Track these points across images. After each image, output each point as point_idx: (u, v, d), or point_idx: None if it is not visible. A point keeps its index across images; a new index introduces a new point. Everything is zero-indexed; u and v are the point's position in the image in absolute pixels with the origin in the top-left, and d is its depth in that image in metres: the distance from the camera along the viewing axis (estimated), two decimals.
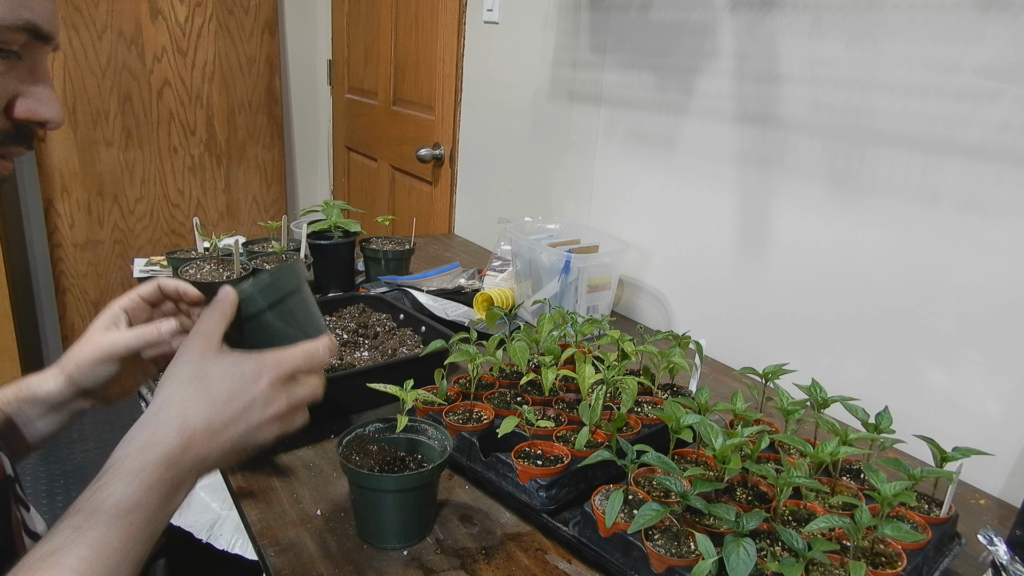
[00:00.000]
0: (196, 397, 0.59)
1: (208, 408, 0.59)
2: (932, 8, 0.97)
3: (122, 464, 0.55)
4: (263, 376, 0.62)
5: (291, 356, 0.65)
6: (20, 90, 0.54)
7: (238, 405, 0.60)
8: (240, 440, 0.61)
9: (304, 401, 0.66)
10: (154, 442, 0.56)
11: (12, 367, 2.52)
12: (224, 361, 0.62)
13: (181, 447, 0.57)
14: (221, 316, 0.64)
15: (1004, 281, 0.95)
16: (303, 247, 1.44)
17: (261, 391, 0.62)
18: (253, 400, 0.61)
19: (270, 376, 0.62)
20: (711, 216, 1.34)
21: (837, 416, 0.85)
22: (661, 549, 0.68)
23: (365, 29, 2.70)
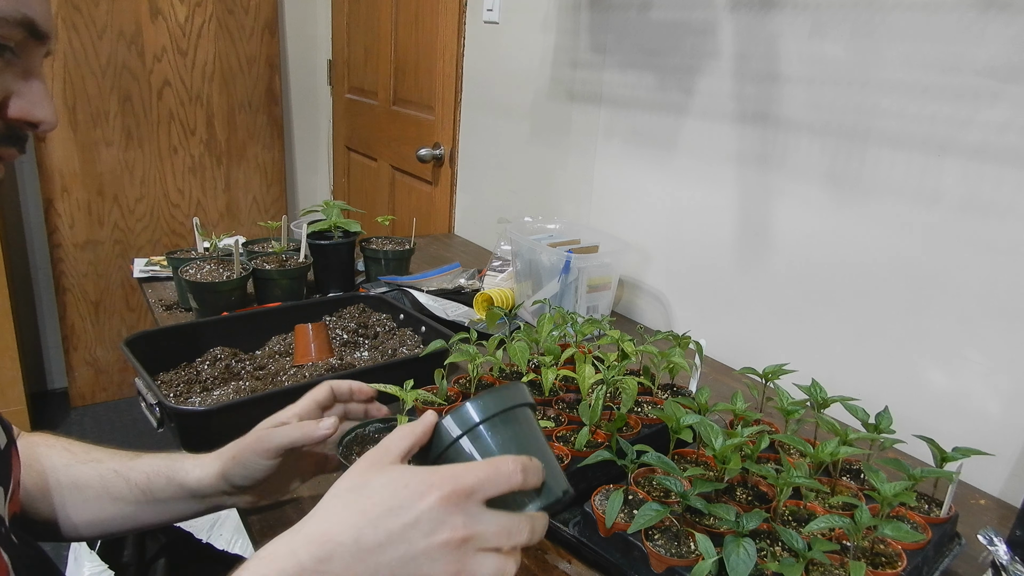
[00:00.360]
0: (347, 507, 0.50)
1: (358, 520, 0.49)
2: (932, 8, 0.97)
3: (245, 570, 0.48)
4: (432, 490, 0.49)
5: (472, 469, 0.51)
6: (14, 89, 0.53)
7: (396, 522, 0.49)
8: (400, 571, 0.49)
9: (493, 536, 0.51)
10: (284, 553, 0.48)
11: (12, 367, 2.52)
12: (391, 472, 0.51)
13: (315, 563, 0.47)
14: (410, 434, 0.55)
15: (1004, 281, 0.95)
16: (303, 247, 1.44)
17: (428, 507, 0.49)
18: (417, 519, 0.49)
19: (440, 491, 0.49)
20: (711, 216, 1.34)
21: (837, 416, 0.85)
22: (661, 549, 0.68)
23: (365, 29, 2.70)
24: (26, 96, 0.53)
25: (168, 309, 1.41)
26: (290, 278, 1.38)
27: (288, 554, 0.48)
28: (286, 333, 1.21)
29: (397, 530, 0.49)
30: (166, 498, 0.74)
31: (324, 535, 0.49)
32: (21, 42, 0.52)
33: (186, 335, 1.14)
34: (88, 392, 2.93)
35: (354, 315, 1.29)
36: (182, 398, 1.02)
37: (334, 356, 1.13)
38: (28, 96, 0.53)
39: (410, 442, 0.55)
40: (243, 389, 1.04)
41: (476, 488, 0.51)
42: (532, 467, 0.53)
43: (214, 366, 1.10)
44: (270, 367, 1.11)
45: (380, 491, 0.50)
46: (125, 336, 1.05)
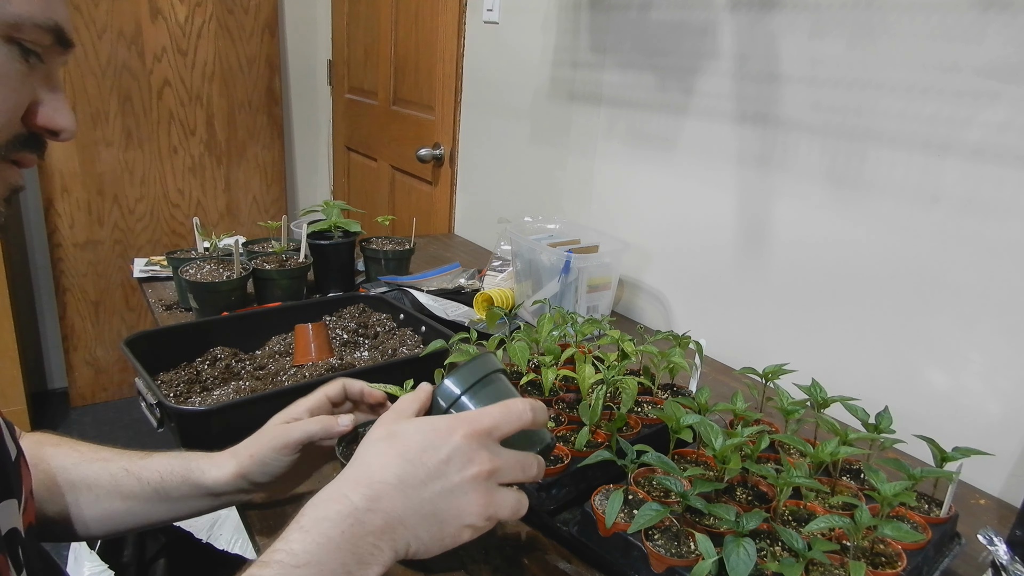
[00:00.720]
0: (385, 452, 0.56)
1: (399, 461, 0.55)
2: (932, 8, 0.97)
3: (300, 518, 0.52)
4: (457, 429, 0.56)
5: (487, 411, 0.59)
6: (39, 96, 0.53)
7: (432, 459, 0.55)
8: (442, 503, 0.55)
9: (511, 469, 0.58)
10: (335, 496, 0.53)
11: (12, 367, 2.52)
12: (417, 421, 0.58)
13: (366, 502, 0.53)
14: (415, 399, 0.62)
15: (1004, 281, 0.95)
16: (303, 247, 1.44)
17: (457, 444, 0.55)
18: (449, 455, 0.55)
19: (465, 429, 0.56)
20: (711, 216, 1.34)
21: (837, 416, 0.85)
22: (661, 549, 0.68)
23: (365, 29, 2.70)
24: (49, 103, 0.54)
25: (168, 309, 1.41)
26: (290, 278, 1.38)
27: (340, 497, 0.53)
28: (286, 333, 1.21)
29: (434, 466, 0.55)
30: (180, 496, 0.74)
31: (369, 477, 0.54)
32: (48, 48, 0.52)
33: (186, 335, 1.14)
34: (88, 392, 2.93)
35: (354, 315, 1.29)
36: (182, 398, 1.02)
37: (334, 356, 1.13)
38: (51, 103, 0.54)
39: (417, 405, 0.62)
40: (243, 389, 1.04)
41: (494, 427, 0.58)
42: (538, 406, 0.61)
43: (214, 366, 1.10)
44: (270, 367, 1.11)
45: (413, 435, 0.56)
46: (125, 336, 1.05)
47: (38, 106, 0.53)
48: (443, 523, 0.55)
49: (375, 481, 0.54)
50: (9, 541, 0.57)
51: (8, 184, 0.54)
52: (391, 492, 0.54)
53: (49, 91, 0.54)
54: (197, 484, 0.73)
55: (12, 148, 0.53)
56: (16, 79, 0.50)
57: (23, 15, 0.49)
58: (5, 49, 0.49)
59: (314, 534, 0.51)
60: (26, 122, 0.53)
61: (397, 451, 0.55)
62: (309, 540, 0.51)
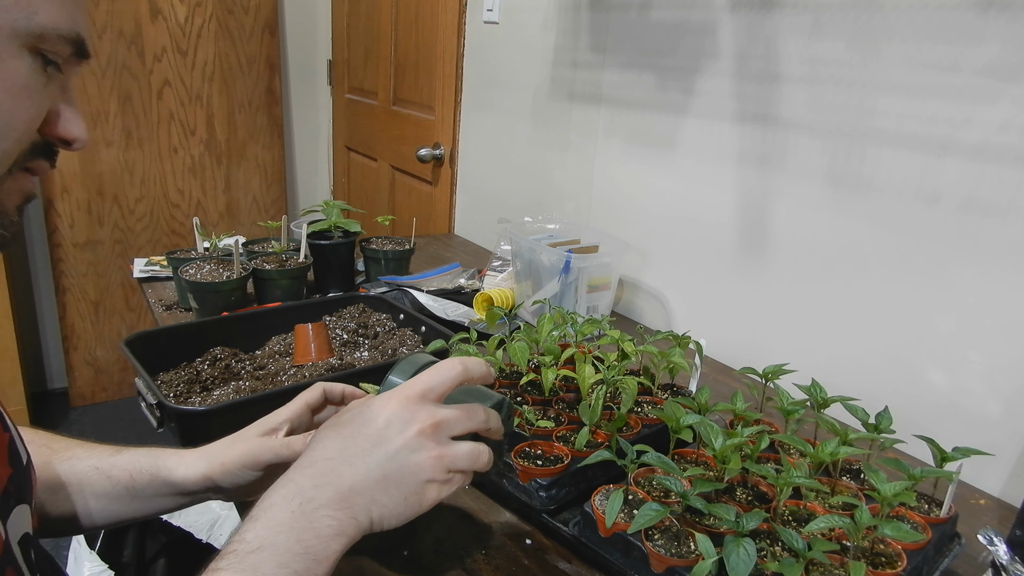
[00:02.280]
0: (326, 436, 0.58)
1: (338, 439, 0.57)
2: (932, 8, 0.97)
3: (250, 512, 0.54)
4: (392, 398, 0.59)
5: (418, 378, 0.61)
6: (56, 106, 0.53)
7: (371, 428, 0.57)
8: (391, 465, 0.56)
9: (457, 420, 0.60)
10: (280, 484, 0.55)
11: (12, 367, 2.52)
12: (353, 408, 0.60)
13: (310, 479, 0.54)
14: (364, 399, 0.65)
15: (1004, 281, 0.95)
16: (303, 247, 1.44)
17: (393, 410, 0.58)
18: (388, 421, 0.57)
19: (398, 397, 0.59)
20: (711, 216, 1.34)
21: (837, 416, 0.85)
22: (661, 549, 0.68)
23: (365, 29, 2.70)
24: (64, 113, 0.54)
25: (168, 309, 1.41)
26: (290, 278, 1.38)
27: (285, 482, 0.55)
28: (286, 333, 1.21)
29: (374, 433, 0.57)
30: (150, 495, 0.74)
31: (312, 459, 0.56)
32: (66, 59, 0.53)
33: (186, 335, 1.14)
34: (88, 392, 2.93)
35: (354, 315, 1.29)
36: (182, 398, 1.02)
37: (334, 356, 1.13)
38: (65, 113, 0.54)
39: None
40: (243, 389, 1.04)
41: (427, 389, 0.60)
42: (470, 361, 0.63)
43: (214, 366, 1.10)
44: (270, 367, 1.11)
45: (350, 418, 0.59)
46: (125, 336, 1.05)
47: (55, 116, 0.53)
48: (400, 484, 0.56)
49: (317, 460, 0.56)
50: (23, 546, 0.58)
51: (23, 193, 0.55)
52: (334, 466, 0.55)
53: (64, 101, 0.54)
54: (166, 482, 0.73)
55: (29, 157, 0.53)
56: (37, 90, 0.51)
57: (48, 26, 0.49)
58: (29, 60, 0.49)
59: (263, 520, 0.52)
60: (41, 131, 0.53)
61: (336, 432, 0.58)
62: (259, 526, 0.52)
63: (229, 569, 0.50)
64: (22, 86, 0.49)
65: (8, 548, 0.55)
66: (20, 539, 0.57)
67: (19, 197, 0.55)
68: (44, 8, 0.48)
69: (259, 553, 0.50)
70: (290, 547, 0.51)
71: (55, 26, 0.49)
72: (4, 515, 0.56)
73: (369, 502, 0.55)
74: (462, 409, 0.61)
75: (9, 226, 0.54)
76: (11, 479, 0.58)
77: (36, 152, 0.54)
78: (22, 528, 0.58)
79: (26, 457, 0.62)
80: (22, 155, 0.52)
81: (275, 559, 0.50)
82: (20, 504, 0.59)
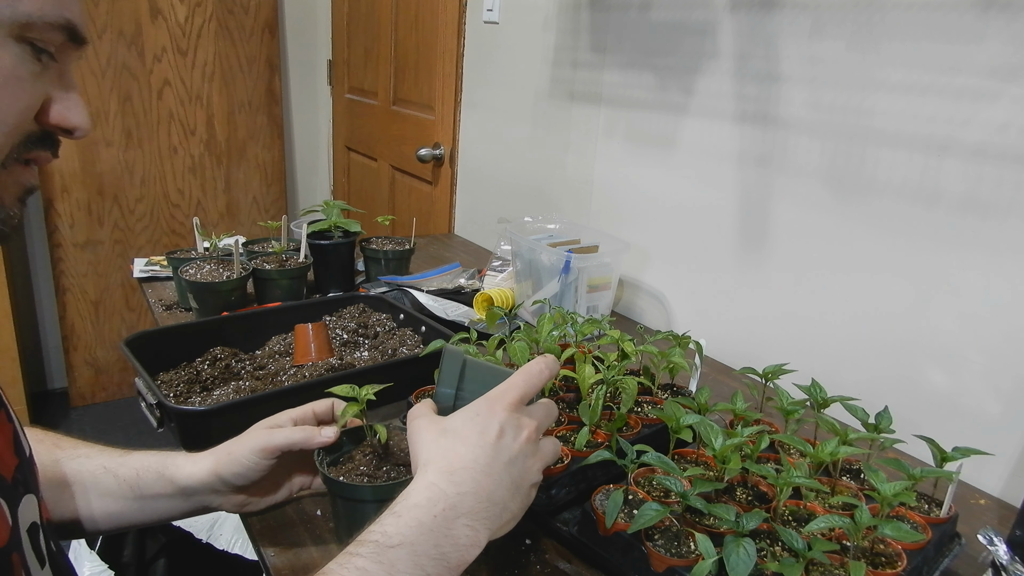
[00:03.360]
0: (450, 444, 0.58)
1: (466, 448, 0.58)
2: (932, 8, 0.97)
3: (393, 507, 0.55)
4: (495, 404, 0.61)
5: (509, 383, 0.63)
6: (53, 94, 0.53)
7: (490, 438, 0.59)
8: (515, 472, 0.59)
9: (545, 420, 0.64)
10: (425, 486, 0.56)
11: (12, 367, 2.52)
12: (456, 414, 0.61)
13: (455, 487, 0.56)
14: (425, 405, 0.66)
15: (1004, 281, 0.95)
16: (303, 247, 1.44)
17: (503, 418, 0.60)
18: (502, 429, 0.59)
19: (501, 403, 0.61)
20: (711, 216, 1.34)
21: (837, 416, 0.85)
22: (661, 549, 0.68)
23: (365, 29, 2.70)
24: (63, 101, 0.53)
25: (168, 309, 1.41)
26: (290, 278, 1.38)
27: (429, 485, 0.56)
28: (286, 333, 1.21)
29: (493, 443, 0.58)
30: (154, 494, 0.74)
31: (450, 466, 0.56)
32: (60, 46, 0.52)
33: (186, 335, 1.14)
34: (88, 392, 2.93)
35: (354, 315, 1.29)
36: (182, 398, 1.02)
37: (334, 356, 1.13)
38: (64, 101, 0.53)
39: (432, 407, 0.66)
40: (243, 389, 1.04)
41: (523, 394, 0.63)
42: (549, 359, 0.66)
43: (214, 366, 1.09)
44: (270, 367, 1.11)
45: (462, 425, 0.60)
46: (125, 336, 1.05)
47: (51, 104, 0.53)
48: (519, 489, 0.59)
49: (456, 469, 0.56)
50: (32, 535, 0.58)
51: (23, 185, 0.54)
52: (473, 475, 0.56)
53: (63, 89, 0.53)
54: (171, 480, 0.73)
55: (25, 148, 0.52)
56: (28, 79, 0.50)
57: (33, 14, 0.48)
58: (17, 49, 0.49)
59: (406, 518, 0.53)
60: (39, 120, 0.53)
61: (460, 440, 0.58)
62: (402, 523, 0.53)
63: (368, 558, 0.51)
64: (8, 76, 0.49)
65: (16, 534, 0.55)
66: (29, 527, 0.58)
67: (17, 189, 0.54)
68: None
69: (398, 549, 0.51)
70: (427, 550, 0.52)
71: (41, 14, 0.49)
72: (14, 503, 0.56)
73: (501, 510, 0.58)
74: (546, 410, 0.65)
75: (8, 219, 0.53)
76: (18, 468, 0.59)
77: (34, 143, 0.53)
78: (31, 517, 0.59)
79: (28, 450, 0.63)
80: (15, 147, 0.51)
81: (412, 559, 0.51)
82: (28, 493, 0.59)
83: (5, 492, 0.55)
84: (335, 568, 0.50)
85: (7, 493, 0.55)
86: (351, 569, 0.50)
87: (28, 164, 0.54)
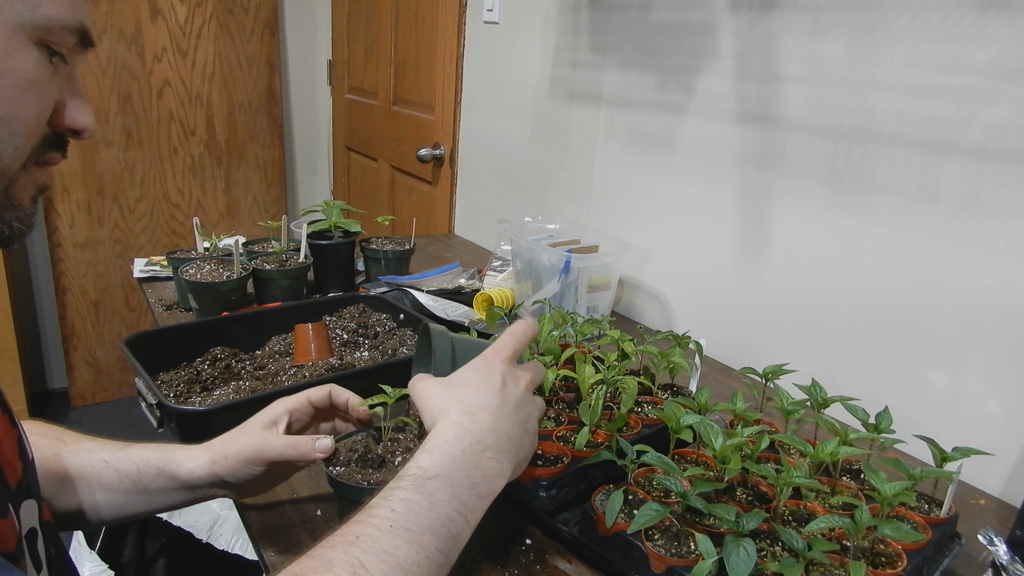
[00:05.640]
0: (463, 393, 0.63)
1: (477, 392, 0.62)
2: (932, 8, 0.97)
3: (425, 444, 0.59)
4: (493, 359, 0.65)
5: (503, 341, 0.68)
6: (63, 97, 0.54)
7: (496, 384, 0.63)
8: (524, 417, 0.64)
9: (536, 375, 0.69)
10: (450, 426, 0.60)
11: (12, 367, 2.52)
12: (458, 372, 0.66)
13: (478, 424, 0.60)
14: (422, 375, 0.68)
15: (1004, 281, 0.95)
16: (303, 247, 1.44)
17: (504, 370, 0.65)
18: (504, 379, 0.64)
19: (498, 358, 0.66)
20: (711, 216, 1.34)
21: (837, 416, 0.85)
22: (661, 549, 0.68)
23: (365, 29, 2.70)
24: (72, 103, 0.54)
25: (168, 309, 1.41)
26: (290, 278, 1.38)
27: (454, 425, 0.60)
28: (286, 333, 1.21)
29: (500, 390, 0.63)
30: (156, 489, 0.74)
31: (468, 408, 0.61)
32: (71, 49, 0.53)
33: (186, 335, 1.14)
34: (88, 392, 2.94)
35: (354, 315, 1.29)
36: (182, 398, 1.02)
37: (334, 356, 1.13)
38: (74, 103, 0.54)
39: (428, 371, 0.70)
40: (243, 389, 1.04)
41: (514, 350, 0.68)
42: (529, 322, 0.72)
43: (214, 366, 1.09)
44: (270, 367, 1.11)
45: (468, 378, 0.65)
46: (125, 336, 1.05)
47: (62, 107, 0.54)
48: (527, 431, 0.64)
49: (475, 410, 0.61)
50: (29, 540, 0.58)
51: (37, 185, 0.55)
52: (491, 415, 0.61)
53: (71, 91, 0.54)
54: (172, 476, 0.73)
55: (43, 150, 0.53)
56: (45, 82, 0.51)
57: (53, 17, 0.49)
58: (36, 53, 0.49)
59: (439, 454, 0.57)
60: (51, 123, 0.53)
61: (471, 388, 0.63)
62: (436, 458, 0.57)
63: (410, 489, 0.54)
64: (31, 80, 0.49)
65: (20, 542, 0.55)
66: (27, 533, 0.58)
67: (33, 190, 0.55)
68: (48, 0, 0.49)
69: (436, 480, 0.55)
70: (461, 480, 0.57)
71: (59, 17, 0.50)
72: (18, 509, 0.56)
73: (517, 448, 0.62)
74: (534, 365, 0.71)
75: (25, 219, 0.54)
76: (24, 472, 0.59)
77: (48, 145, 0.54)
78: (29, 522, 0.59)
79: (31, 454, 0.63)
80: (35, 149, 0.52)
81: (449, 488, 0.56)
82: (29, 498, 0.59)
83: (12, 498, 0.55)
84: (381, 502, 0.54)
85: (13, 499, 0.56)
86: (396, 500, 0.53)
87: (43, 165, 0.55)
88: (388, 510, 0.53)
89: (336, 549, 0.50)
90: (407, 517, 0.52)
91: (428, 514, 0.53)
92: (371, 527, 0.51)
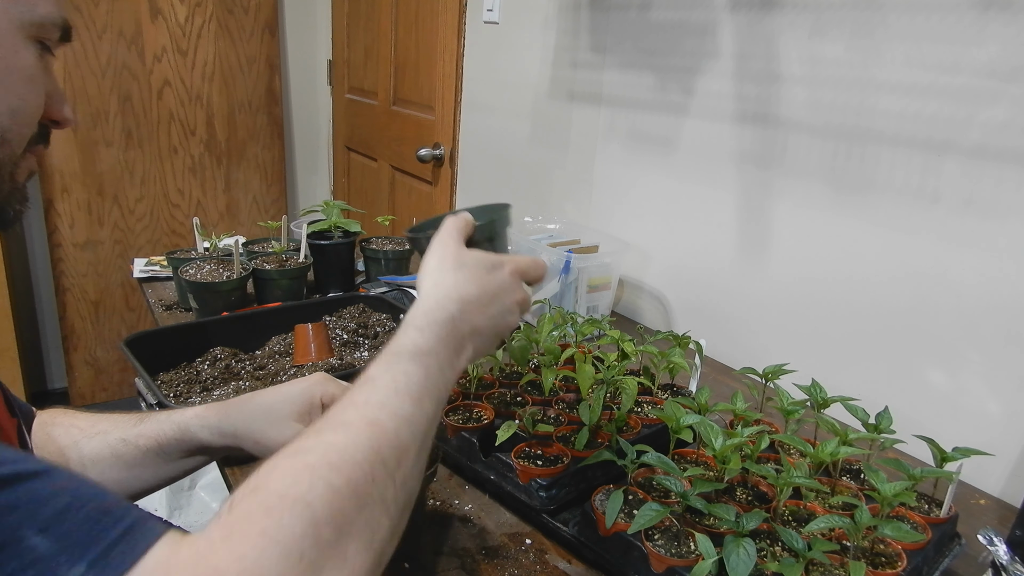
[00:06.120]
0: (464, 277, 0.67)
1: (474, 284, 0.67)
2: (932, 8, 0.97)
3: (413, 322, 0.62)
4: (505, 266, 0.70)
5: (521, 258, 0.73)
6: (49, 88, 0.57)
7: (494, 285, 0.68)
8: (499, 318, 0.68)
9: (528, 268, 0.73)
10: (438, 307, 0.63)
11: (12, 367, 2.52)
12: (473, 253, 0.70)
13: (459, 312, 0.64)
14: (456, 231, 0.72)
15: (1004, 281, 0.95)
16: (303, 247, 1.44)
17: (506, 277, 0.69)
18: (502, 284, 0.69)
19: (509, 267, 0.70)
20: (711, 216, 1.34)
21: (837, 416, 0.85)
22: (661, 549, 0.68)
23: (365, 29, 2.70)
24: (55, 95, 0.58)
25: (168, 309, 1.41)
26: (290, 278, 1.38)
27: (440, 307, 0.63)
28: (286, 333, 1.21)
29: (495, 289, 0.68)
30: (179, 457, 0.78)
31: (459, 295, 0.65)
32: (53, 43, 0.56)
33: (186, 335, 1.14)
34: (88, 392, 2.93)
35: (354, 315, 1.29)
36: (182, 398, 1.02)
37: (334, 356, 1.13)
38: (56, 95, 0.58)
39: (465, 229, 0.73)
40: (243, 389, 1.04)
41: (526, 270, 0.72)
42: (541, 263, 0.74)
43: (214, 366, 1.09)
44: (270, 367, 1.11)
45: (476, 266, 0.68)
46: (125, 336, 1.05)
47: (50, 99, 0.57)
48: (497, 333, 0.69)
49: (462, 298, 0.65)
50: None
51: (29, 170, 0.60)
52: (473, 308, 0.65)
53: (52, 84, 0.58)
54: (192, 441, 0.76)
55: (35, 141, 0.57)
56: (40, 75, 0.55)
57: (46, 15, 0.54)
58: (33, 48, 0.54)
59: (428, 333, 0.61)
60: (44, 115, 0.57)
61: (467, 278, 0.67)
62: (428, 335, 0.61)
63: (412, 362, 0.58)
64: (32, 73, 0.54)
65: None
66: None
67: (26, 173, 0.59)
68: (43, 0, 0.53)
69: (428, 356, 0.60)
70: (446, 357, 0.61)
71: (50, 15, 0.54)
72: None
73: (481, 340, 0.67)
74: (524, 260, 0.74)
75: (23, 200, 0.60)
76: None
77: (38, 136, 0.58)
78: None
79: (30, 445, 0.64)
80: (33, 137, 0.57)
81: (438, 363, 0.60)
82: None
83: None
84: (382, 372, 0.57)
85: None
86: (397, 372, 0.57)
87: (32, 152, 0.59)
88: (390, 379, 0.56)
89: (348, 411, 0.52)
90: (409, 385, 0.56)
91: (424, 383, 0.58)
92: (378, 392, 0.55)
